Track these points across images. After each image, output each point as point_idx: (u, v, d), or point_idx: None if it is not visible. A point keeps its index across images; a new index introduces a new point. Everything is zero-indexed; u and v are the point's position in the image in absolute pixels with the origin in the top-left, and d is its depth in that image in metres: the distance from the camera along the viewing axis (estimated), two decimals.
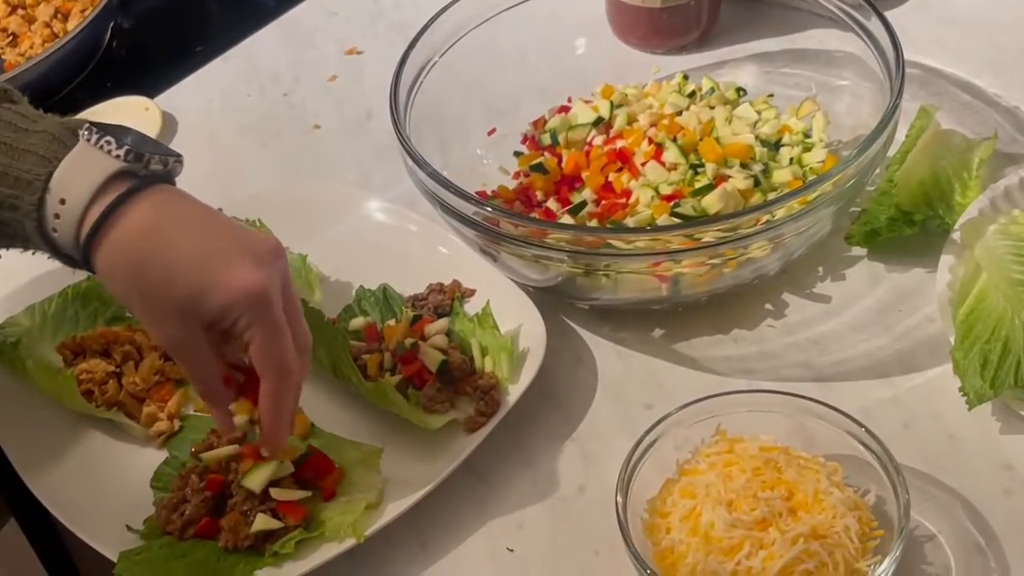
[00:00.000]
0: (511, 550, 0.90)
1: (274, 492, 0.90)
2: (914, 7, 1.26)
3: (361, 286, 1.07)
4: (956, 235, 0.99)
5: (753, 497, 0.83)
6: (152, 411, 1.00)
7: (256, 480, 0.90)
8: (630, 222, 1.03)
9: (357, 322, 1.04)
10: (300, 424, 0.96)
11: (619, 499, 0.84)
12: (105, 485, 0.95)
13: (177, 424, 1.00)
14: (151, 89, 1.32)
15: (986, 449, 0.91)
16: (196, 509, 0.90)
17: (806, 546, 0.80)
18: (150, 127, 1.26)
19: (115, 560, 0.88)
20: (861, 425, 0.86)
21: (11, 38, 1.39)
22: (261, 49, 1.37)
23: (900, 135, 1.04)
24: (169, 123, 1.28)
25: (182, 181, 1.04)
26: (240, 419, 0.85)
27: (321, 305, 1.04)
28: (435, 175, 0.98)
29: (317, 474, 0.92)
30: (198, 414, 1.00)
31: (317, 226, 1.11)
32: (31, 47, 1.37)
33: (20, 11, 1.41)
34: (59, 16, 1.40)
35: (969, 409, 0.89)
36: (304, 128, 1.26)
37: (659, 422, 0.88)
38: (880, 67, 1.03)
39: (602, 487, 0.89)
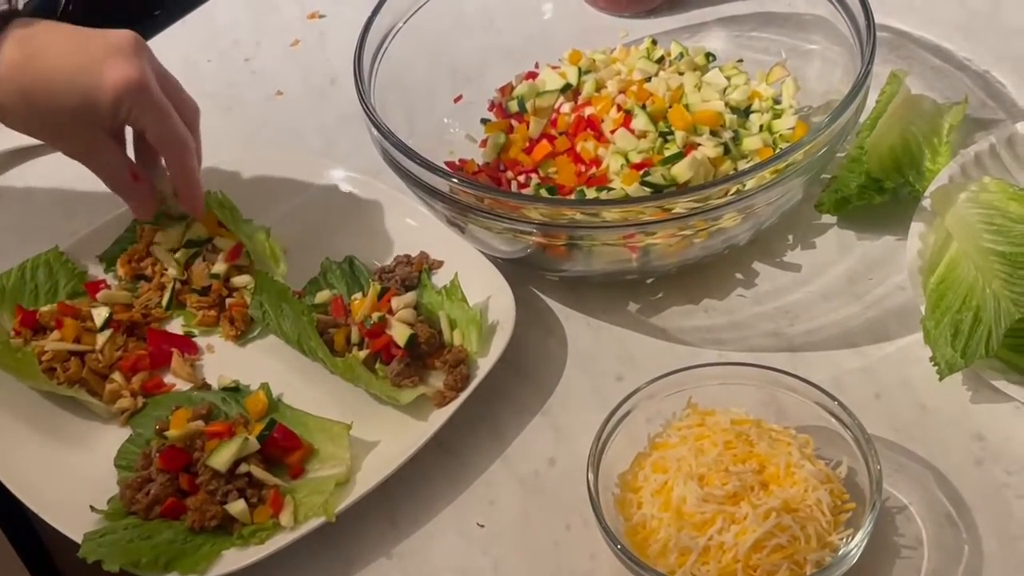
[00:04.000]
0: (482, 525, 0.89)
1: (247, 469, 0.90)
2: None
3: (327, 258, 1.06)
4: (926, 203, 0.99)
5: (725, 471, 0.83)
6: (115, 388, 0.98)
7: (222, 459, 0.89)
8: (602, 195, 1.02)
9: (323, 295, 1.03)
10: (258, 402, 0.95)
11: (590, 476, 0.84)
12: (68, 464, 0.94)
13: (141, 401, 0.98)
14: None
15: (957, 419, 0.91)
16: (161, 488, 0.89)
17: (778, 520, 0.80)
18: None
19: (79, 542, 0.87)
20: (833, 398, 0.86)
21: None
22: (221, 13, 1.35)
23: (870, 101, 1.03)
24: None
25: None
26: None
27: (286, 278, 1.02)
28: (400, 145, 0.97)
29: (284, 451, 0.92)
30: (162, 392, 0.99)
31: (280, 197, 1.10)
32: None
33: None
34: None
35: (940, 379, 0.89)
36: (266, 95, 1.25)
37: (630, 396, 0.88)
38: (850, 31, 1.03)
39: (573, 460, 0.89)
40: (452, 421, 0.92)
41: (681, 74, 1.11)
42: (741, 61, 1.13)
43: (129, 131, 1.00)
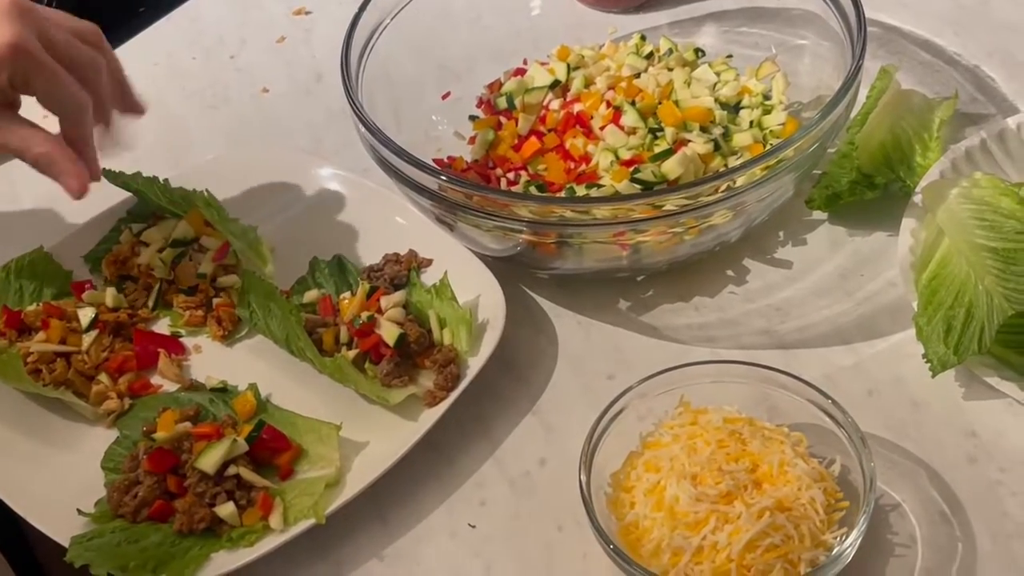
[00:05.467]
0: (473, 526, 0.89)
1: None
2: None
3: (315, 257, 1.05)
4: (918, 198, 0.99)
5: (718, 470, 0.83)
6: (101, 389, 0.98)
7: (209, 461, 0.88)
8: (593, 192, 1.02)
9: (311, 295, 1.02)
10: (246, 403, 0.95)
11: (582, 476, 0.84)
12: (54, 467, 0.93)
13: (127, 402, 0.97)
14: None
15: (950, 416, 0.91)
16: (149, 491, 0.89)
17: (772, 519, 0.80)
18: None
19: (66, 545, 0.86)
20: (826, 395, 0.86)
21: None
22: (206, 10, 1.34)
23: (860, 96, 1.03)
24: None
25: (128, 154, 1.02)
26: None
27: (273, 277, 1.02)
28: (388, 143, 0.96)
29: (273, 452, 0.91)
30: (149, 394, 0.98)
31: (268, 195, 1.09)
32: None
33: None
34: None
35: (933, 376, 0.89)
36: (252, 92, 1.24)
37: (622, 394, 0.88)
38: (840, 26, 1.03)
39: (564, 460, 0.89)
40: (442, 421, 0.92)
41: (670, 70, 1.11)
42: (730, 57, 1.13)
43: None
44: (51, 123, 0.90)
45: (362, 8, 1.06)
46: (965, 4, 1.20)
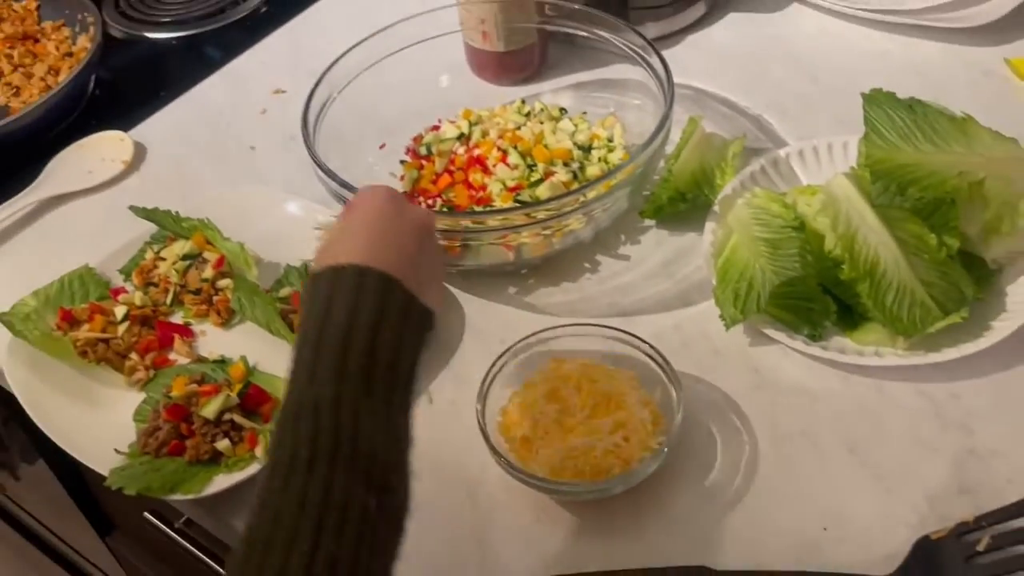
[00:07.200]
0: None
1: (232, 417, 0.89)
2: (687, 46, 1.28)
3: (287, 264, 1.06)
4: (716, 208, 1.01)
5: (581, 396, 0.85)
6: (133, 364, 0.98)
7: (211, 409, 0.89)
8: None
9: (285, 291, 1.02)
10: (238, 370, 0.95)
11: (478, 407, 0.85)
12: (98, 420, 0.94)
13: (152, 373, 0.98)
14: (126, 124, 1.28)
15: (740, 358, 0.93)
16: (167, 433, 0.89)
17: (616, 432, 0.82)
18: (125, 154, 1.23)
19: (106, 475, 0.87)
20: (652, 347, 0.88)
21: (15, 90, 1.34)
22: (209, 92, 1.34)
23: (675, 137, 1.06)
24: (140, 150, 1.25)
25: (152, 194, 1.02)
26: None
27: (257, 279, 1.02)
28: (340, 181, 0.97)
29: (258, 403, 0.92)
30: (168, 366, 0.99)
31: (253, 220, 1.09)
32: (30, 96, 1.32)
33: (20, 69, 1.36)
34: (52, 72, 1.35)
35: (727, 329, 0.91)
36: (243, 150, 1.24)
37: (506, 351, 0.89)
38: (659, 89, 1.05)
39: (468, 400, 0.89)
40: None
41: (542, 123, 1.13)
42: (585, 113, 1.15)
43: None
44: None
45: (316, 85, 1.07)
46: (750, 71, 1.23)
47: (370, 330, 0.64)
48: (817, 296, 0.91)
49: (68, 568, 1.74)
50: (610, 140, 1.11)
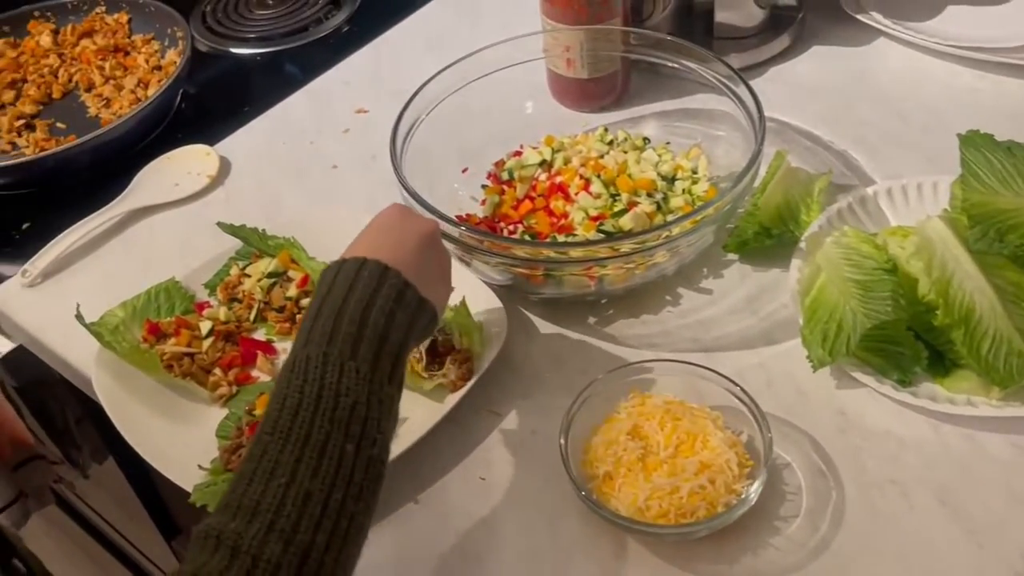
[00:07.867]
0: (483, 478, 0.89)
1: None
2: (769, 79, 1.26)
3: None
4: (803, 245, 1.00)
5: (664, 434, 0.84)
6: (216, 379, 0.98)
7: None
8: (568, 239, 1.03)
9: None
10: None
11: (561, 440, 0.84)
12: (182, 435, 0.94)
13: (235, 389, 0.98)
14: (211, 139, 1.30)
15: (826, 400, 0.91)
16: None
17: (700, 475, 0.81)
18: (210, 168, 1.25)
19: (190, 491, 0.87)
20: (737, 384, 0.87)
21: (106, 102, 1.36)
22: (293, 109, 1.35)
23: (761, 172, 1.04)
24: (224, 165, 1.26)
25: (236, 210, 1.02)
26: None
27: None
28: (424, 203, 0.97)
29: None
30: (251, 383, 0.99)
31: (338, 239, 1.06)
32: (120, 108, 1.34)
33: (111, 81, 1.39)
34: (141, 85, 1.38)
35: (814, 371, 0.90)
36: (325, 168, 1.25)
37: (590, 384, 0.88)
38: (747, 122, 1.04)
39: (550, 431, 0.89)
40: (461, 403, 0.92)
41: (625, 152, 1.12)
42: (668, 143, 1.14)
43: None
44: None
45: (405, 108, 1.07)
46: (834, 105, 1.21)
47: (361, 303, 0.71)
48: (908, 341, 0.89)
49: (130, 567, 1.76)
50: (694, 172, 1.10)
